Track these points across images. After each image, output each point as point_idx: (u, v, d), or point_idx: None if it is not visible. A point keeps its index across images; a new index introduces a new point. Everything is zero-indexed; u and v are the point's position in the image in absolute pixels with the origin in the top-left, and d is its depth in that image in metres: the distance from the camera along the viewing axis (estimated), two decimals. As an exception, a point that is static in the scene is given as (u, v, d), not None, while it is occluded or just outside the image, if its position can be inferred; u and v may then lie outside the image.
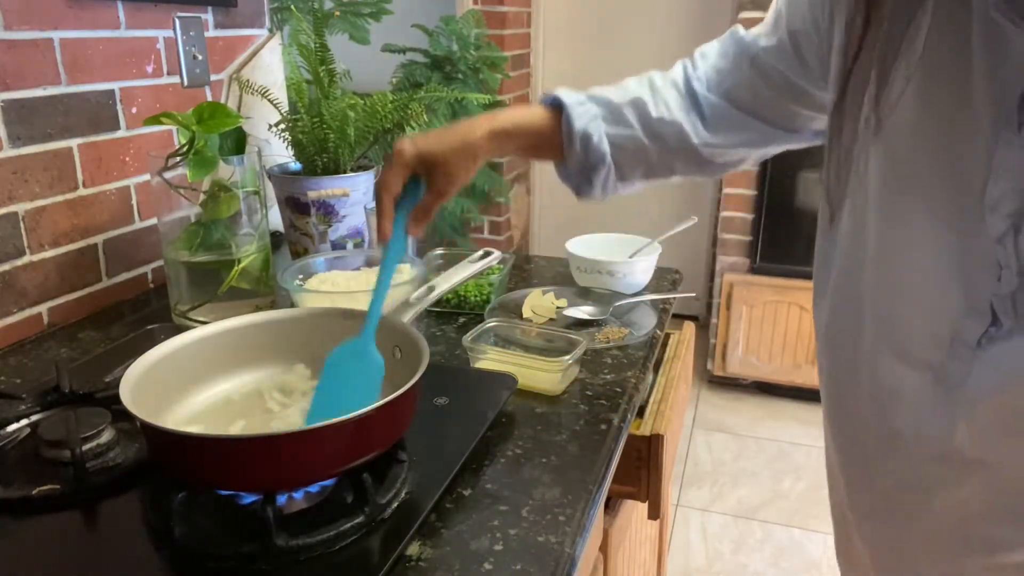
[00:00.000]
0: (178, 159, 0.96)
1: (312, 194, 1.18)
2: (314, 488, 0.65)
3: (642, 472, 0.94)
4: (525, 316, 1.08)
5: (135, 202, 1.19)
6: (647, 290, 1.19)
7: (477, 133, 0.76)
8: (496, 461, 0.73)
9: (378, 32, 2.45)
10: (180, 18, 1.22)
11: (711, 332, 2.77)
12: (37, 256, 1.04)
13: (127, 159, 1.16)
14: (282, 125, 1.24)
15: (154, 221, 1.21)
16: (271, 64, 1.46)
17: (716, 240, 2.79)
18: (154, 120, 0.99)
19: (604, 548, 0.94)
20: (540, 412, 0.83)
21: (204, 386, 0.75)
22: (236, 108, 1.35)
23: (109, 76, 1.11)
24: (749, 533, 2.09)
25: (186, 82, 1.26)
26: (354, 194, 1.21)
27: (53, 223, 1.06)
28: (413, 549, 0.61)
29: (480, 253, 1.00)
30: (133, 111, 1.16)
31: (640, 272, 1.17)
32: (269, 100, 1.26)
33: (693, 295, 1.20)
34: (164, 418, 0.69)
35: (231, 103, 1.36)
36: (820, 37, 0.67)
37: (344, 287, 1.01)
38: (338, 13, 2.34)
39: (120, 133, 1.15)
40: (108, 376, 0.85)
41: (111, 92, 1.12)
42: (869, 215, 0.59)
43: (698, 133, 0.79)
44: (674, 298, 1.17)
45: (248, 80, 1.33)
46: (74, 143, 1.07)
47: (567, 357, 0.85)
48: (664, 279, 1.25)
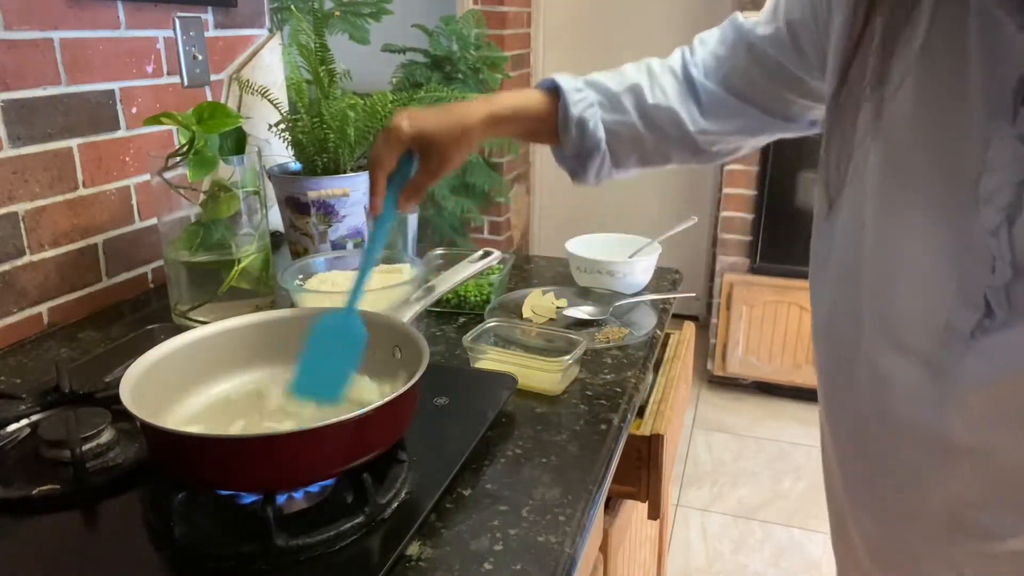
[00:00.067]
0: (178, 159, 0.96)
1: (312, 194, 1.18)
2: (314, 488, 0.65)
3: (642, 472, 0.94)
4: (525, 316, 1.08)
5: (135, 202, 1.19)
6: (647, 290, 1.19)
7: (474, 117, 0.76)
8: (496, 461, 0.73)
9: (378, 32, 2.45)
10: (180, 18, 1.22)
11: (711, 332, 2.77)
12: (37, 256, 1.04)
13: (127, 159, 1.16)
14: (282, 125, 1.24)
15: (154, 221, 1.21)
16: (271, 64, 1.46)
17: (716, 240, 2.79)
18: (154, 120, 0.99)
19: (604, 548, 0.94)
20: (540, 412, 0.83)
21: (204, 386, 0.75)
22: (236, 108, 1.35)
23: (109, 76, 1.11)
24: (749, 533, 2.09)
25: (186, 82, 1.26)
26: (354, 194, 1.21)
27: (53, 223, 1.06)
28: (413, 549, 0.61)
29: (480, 253, 1.00)
30: (133, 111, 1.16)
31: (640, 272, 1.17)
32: (269, 100, 1.26)
33: (693, 295, 1.20)
34: (164, 418, 0.69)
35: (231, 103, 1.36)
36: (818, 28, 0.67)
37: (344, 287, 1.01)
38: (338, 13, 2.34)
39: (120, 133, 1.15)
40: (108, 376, 0.85)
41: (111, 92, 1.12)
42: (866, 207, 0.60)
43: (694, 120, 0.79)
44: (674, 298, 1.17)
45: (248, 80, 1.33)
46: (74, 143, 1.07)
47: (567, 357, 0.85)
48: (664, 279, 1.25)
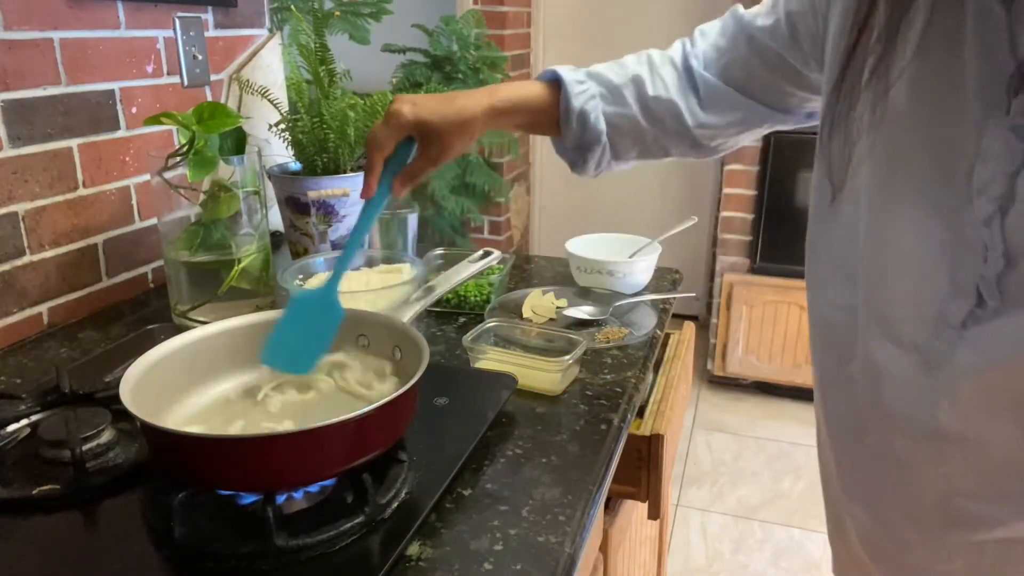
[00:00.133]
0: (178, 159, 0.96)
1: (312, 194, 1.18)
2: (314, 488, 0.65)
3: (642, 472, 0.94)
4: (525, 316, 1.08)
5: (135, 202, 1.19)
6: (647, 290, 1.19)
7: (476, 108, 0.77)
8: (496, 461, 0.73)
9: (378, 32, 2.45)
10: (180, 18, 1.22)
11: (711, 332, 2.77)
12: (37, 256, 1.04)
13: (127, 159, 1.16)
14: (282, 125, 1.24)
15: (154, 221, 1.21)
16: (271, 64, 1.46)
17: (716, 240, 2.79)
18: (154, 120, 0.99)
19: (604, 548, 0.94)
20: (540, 412, 0.83)
21: (204, 386, 0.75)
22: (236, 108, 1.35)
23: (109, 76, 1.11)
24: (749, 533, 2.09)
25: (186, 82, 1.26)
26: (354, 194, 1.21)
27: (53, 223, 1.06)
28: (413, 549, 0.61)
29: (480, 253, 1.00)
30: (133, 111, 1.16)
31: (640, 272, 1.17)
32: (269, 100, 1.26)
33: (693, 295, 1.20)
34: (164, 418, 0.69)
35: (231, 103, 1.36)
36: (817, 19, 0.68)
37: (344, 287, 1.01)
38: (338, 13, 2.34)
39: (120, 133, 1.15)
40: (108, 376, 0.85)
41: (111, 92, 1.12)
42: (862, 198, 0.60)
43: (692, 113, 0.80)
44: (674, 298, 1.17)
45: (248, 80, 1.33)
46: (74, 143, 1.07)
47: (567, 357, 0.85)
48: (664, 279, 1.25)
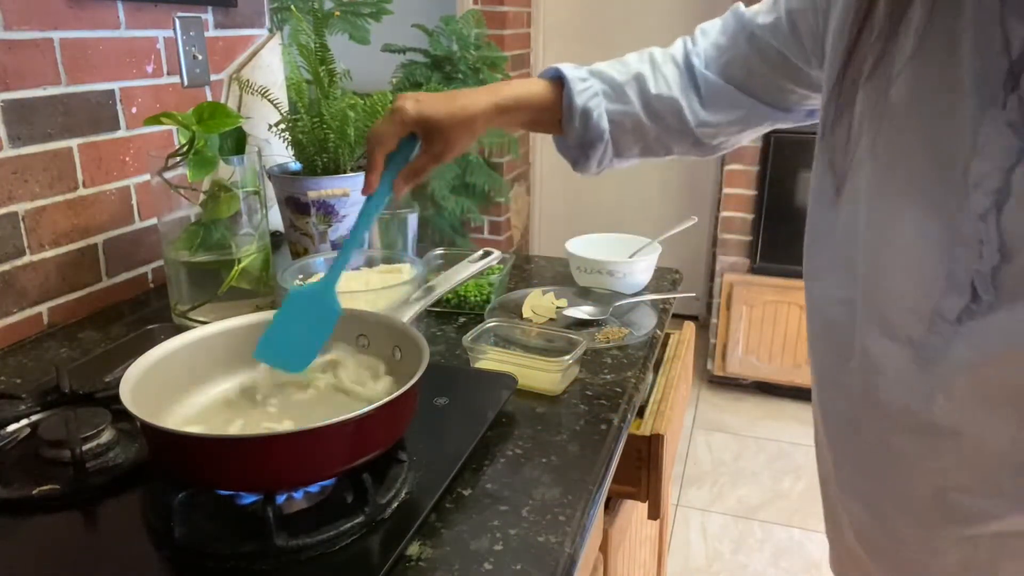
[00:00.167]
0: (178, 159, 0.96)
1: (312, 194, 1.18)
2: (314, 488, 0.65)
3: (642, 472, 0.94)
4: (525, 316, 1.08)
5: (135, 202, 1.19)
6: (647, 290, 1.19)
7: (480, 105, 0.77)
8: (496, 461, 0.73)
9: (378, 32, 2.45)
10: (180, 18, 1.22)
11: (711, 332, 2.77)
12: (37, 256, 1.04)
13: (127, 159, 1.16)
14: (282, 125, 1.24)
15: (154, 221, 1.21)
16: (271, 64, 1.46)
17: (716, 240, 2.79)
18: (154, 120, 0.99)
19: (604, 548, 0.94)
20: (540, 412, 0.83)
21: (204, 386, 0.75)
22: (236, 108, 1.35)
23: (109, 76, 1.11)
24: (749, 533, 2.09)
25: (186, 82, 1.26)
26: (354, 194, 1.21)
27: (53, 223, 1.06)
28: (413, 549, 0.61)
29: (480, 253, 1.00)
30: (133, 111, 1.16)
31: (640, 272, 1.17)
32: (269, 100, 1.26)
33: (693, 295, 1.20)
34: (164, 418, 0.69)
35: (231, 103, 1.36)
36: (817, 17, 0.68)
37: (344, 287, 1.01)
38: (338, 13, 2.34)
39: (120, 133, 1.15)
40: (108, 376, 0.85)
41: (111, 92, 1.12)
42: (862, 193, 0.61)
43: (694, 111, 0.80)
44: (674, 298, 1.17)
45: (248, 80, 1.33)
46: (74, 143, 1.07)
47: (567, 357, 0.85)
48: (664, 279, 1.25)
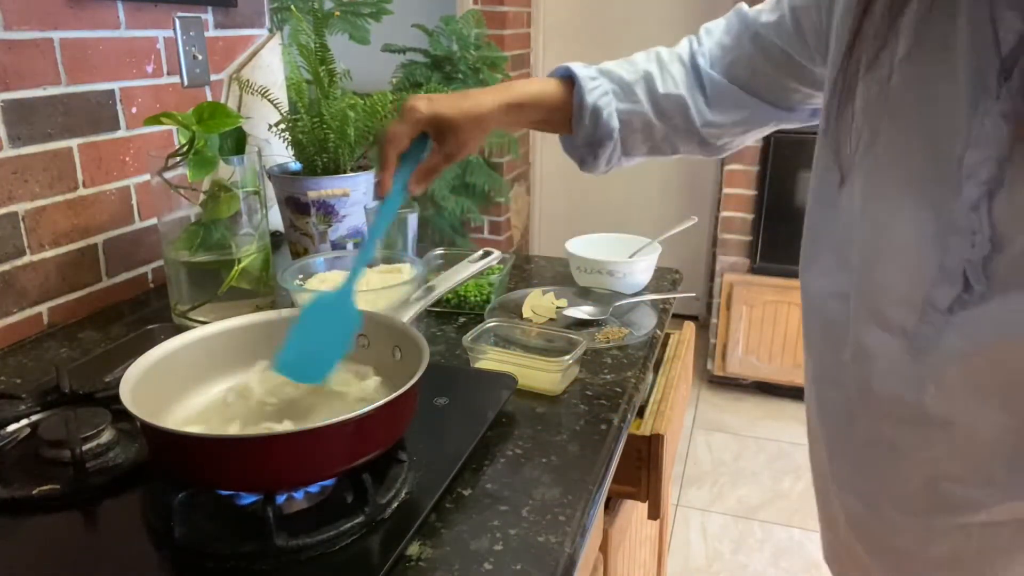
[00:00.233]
0: (178, 159, 0.96)
1: (312, 194, 1.18)
2: (314, 488, 0.65)
3: (642, 472, 0.94)
4: (525, 316, 1.08)
5: (135, 202, 1.19)
6: (647, 290, 1.19)
7: (492, 103, 0.77)
8: (496, 461, 0.73)
9: (378, 32, 2.45)
10: (180, 18, 1.22)
11: (711, 332, 2.77)
12: (37, 256, 1.04)
13: (127, 159, 1.16)
14: (282, 125, 1.24)
15: (154, 221, 1.21)
16: (271, 64, 1.46)
17: (716, 240, 2.79)
18: (154, 120, 0.99)
19: (604, 548, 0.94)
20: (540, 412, 0.83)
21: (204, 386, 0.75)
22: (236, 108, 1.35)
23: (109, 76, 1.11)
24: (749, 533, 2.09)
25: (186, 82, 1.26)
26: (354, 194, 1.21)
27: (53, 223, 1.06)
28: (413, 549, 0.61)
29: (480, 253, 1.00)
30: (133, 111, 1.16)
31: (640, 272, 1.17)
32: (269, 100, 1.26)
33: (693, 295, 1.20)
34: (164, 418, 0.69)
35: (231, 103, 1.36)
36: (821, 14, 0.68)
37: (344, 287, 1.01)
38: (338, 13, 2.34)
39: (120, 133, 1.15)
40: (108, 376, 0.85)
41: (111, 92, 1.12)
42: (859, 184, 0.61)
43: (699, 111, 0.80)
44: (674, 298, 1.17)
45: (248, 80, 1.33)
46: (74, 143, 1.07)
47: (567, 357, 0.85)
48: (664, 279, 1.25)
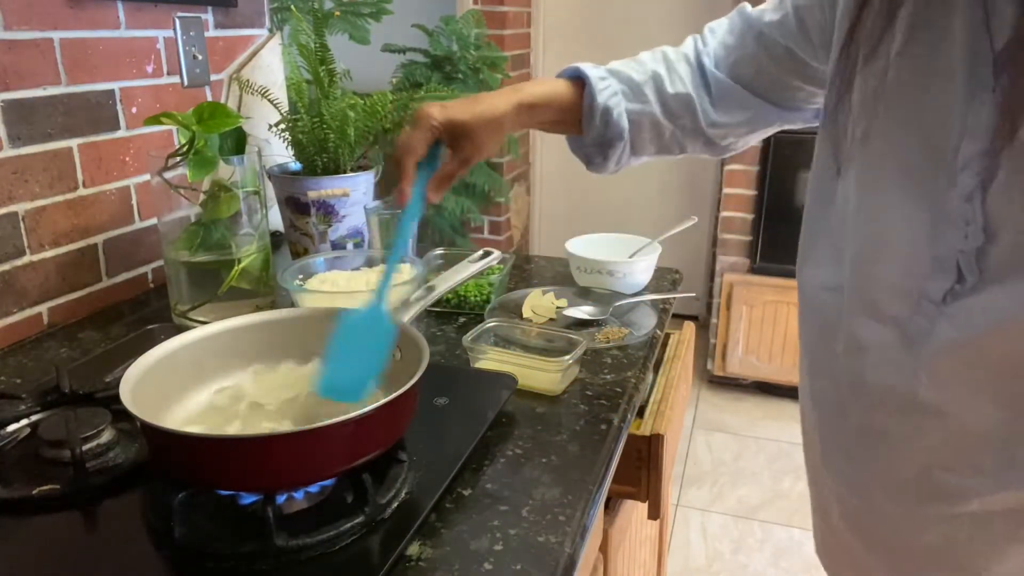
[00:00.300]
0: (178, 159, 0.96)
1: (312, 194, 1.18)
2: (314, 488, 0.65)
3: (642, 472, 0.94)
4: (525, 316, 1.08)
5: (135, 202, 1.19)
6: (647, 290, 1.19)
7: (505, 105, 0.77)
8: (496, 461, 0.73)
9: (378, 32, 2.45)
10: (180, 18, 1.22)
11: (711, 332, 2.77)
12: (37, 256, 1.04)
13: (127, 159, 1.16)
14: (282, 125, 1.24)
15: (154, 221, 1.21)
16: (271, 64, 1.46)
17: (716, 240, 2.79)
18: (154, 120, 0.99)
19: (604, 548, 0.94)
20: (540, 412, 0.83)
21: (204, 386, 0.75)
22: (236, 108, 1.35)
23: (109, 76, 1.11)
24: (749, 533, 2.09)
25: (186, 82, 1.26)
26: (354, 194, 1.21)
27: (53, 223, 1.06)
28: (413, 549, 0.61)
29: (480, 253, 1.00)
30: (133, 111, 1.16)
31: (640, 272, 1.17)
32: (269, 100, 1.26)
33: (693, 295, 1.20)
34: (164, 418, 0.69)
35: (231, 103, 1.36)
36: (824, 10, 0.69)
37: (344, 287, 1.01)
38: (338, 13, 2.34)
39: (120, 133, 1.15)
40: (108, 376, 0.85)
41: (111, 92, 1.12)
42: (854, 176, 0.61)
43: (705, 111, 0.81)
44: (674, 298, 1.17)
45: (248, 80, 1.33)
46: (74, 143, 1.07)
47: (567, 357, 0.85)
48: (664, 279, 1.25)
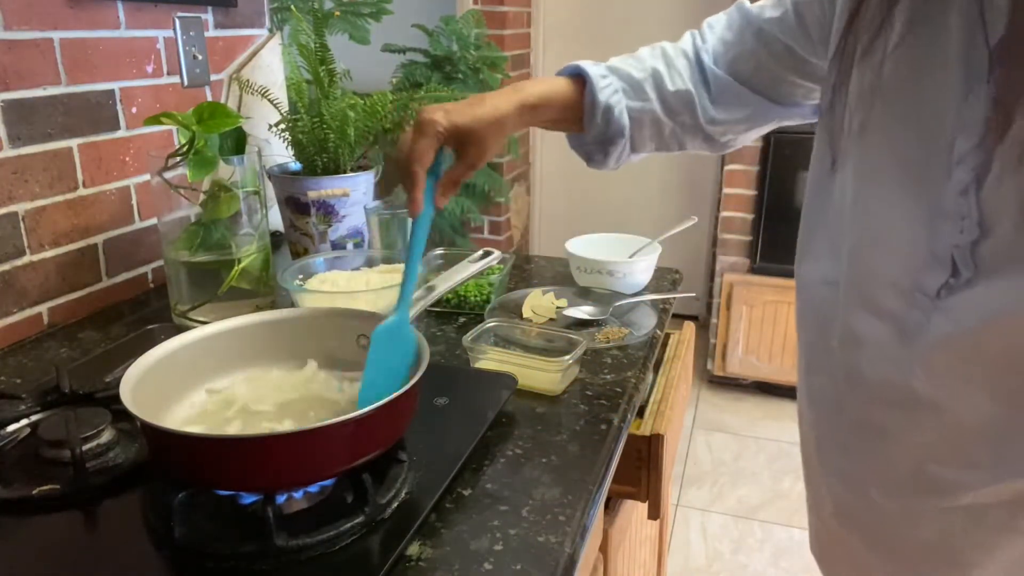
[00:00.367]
0: (178, 159, 0.96)
1: (312, 194, 1.19)
2: (314, 488, 0.65)
3: (642, 472, 0.94)
4: (525, 316, 1.08)
5: (135, 202, 1.19)
6: (647, 290, 1.19)
7: (508, 105, 0.77)
8: (496, 461, 0.73)
9: (378, 32, 2.45)
10: (180, 18, 1.22)
11: (711, 332, 2.77)
12: (37, 256, 1.04)
13: (127, 159, 1.16)
14: (282, 125, 1.24)
15: (154, 221, 1.21)
16: (271, 64, 1.46)
17: (716, 240, 2.79)
18: (154, 120, 0.99)
19: (604, 548, 0.94)
20: (540, 412, 0.83)
21: (204, 386, 0.75)
22: (236, 108, 1.35)
23: (109, 76, 1.11)
24: (749, 533, 2.09)
25: (186, 82, 1.26)
26: (354, 194, 1.21)
27: (53, 223, 1.06)
28: (413, 549, 0.61)
29: (480, 253, 0.99)
30: (133, 111, 1.16)
31: (640, 272, 1.17)
32: (269, 100, 1.26)
33: (693, 295, 1.20)
34: (164, 418, 0.69)
35: (231, 103, 1.36)
36: (824, 6, 0.69)
37: (344, 287, 1.01)
38: (338, 13, 2.34)
39: (120, 133, 1.15)
40: (108, 376, 0.85)
41: (111, 92, 1.12)
42: (851, 170, 0.61)
43: (704, 108, 0.81)
44: (674, 298, 1.17)
45: (248, 80, 1.33)
46: (74, 143, 1.07)
47: (567, 357, 0.85)
48: (664, 279, 1.25)
